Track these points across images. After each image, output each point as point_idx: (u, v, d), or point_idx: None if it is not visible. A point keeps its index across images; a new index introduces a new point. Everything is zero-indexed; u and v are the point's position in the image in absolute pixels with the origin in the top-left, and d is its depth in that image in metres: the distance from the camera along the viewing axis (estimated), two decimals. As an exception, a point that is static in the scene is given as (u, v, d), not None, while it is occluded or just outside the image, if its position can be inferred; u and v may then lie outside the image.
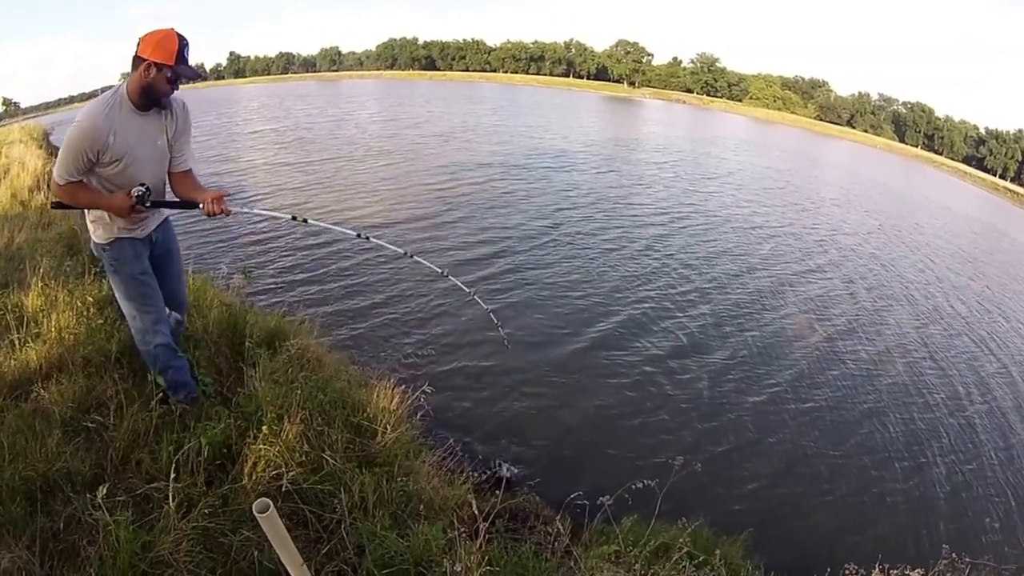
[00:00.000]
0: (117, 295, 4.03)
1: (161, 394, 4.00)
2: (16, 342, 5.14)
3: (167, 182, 3.86)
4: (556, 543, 3.48)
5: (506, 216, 17.38)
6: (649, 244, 16.14)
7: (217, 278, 7.58)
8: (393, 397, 4.80)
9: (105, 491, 2.93)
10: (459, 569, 2.89)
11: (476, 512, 2.97)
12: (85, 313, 5.34)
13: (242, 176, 22.82)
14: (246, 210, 3.68)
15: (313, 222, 4.37)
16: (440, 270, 4.97)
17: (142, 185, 3.53)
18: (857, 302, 14.88)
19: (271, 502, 1.98)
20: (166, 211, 4.06)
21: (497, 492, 3.92)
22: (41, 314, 5.63)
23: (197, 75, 3.63)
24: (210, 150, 28.44)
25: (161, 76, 3.36)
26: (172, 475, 3.11)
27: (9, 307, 5.89)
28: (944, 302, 16.69)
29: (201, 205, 3.69)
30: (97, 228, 3.83)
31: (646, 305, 12.05)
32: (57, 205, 3.61)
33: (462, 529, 3.43)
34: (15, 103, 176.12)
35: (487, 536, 3.26)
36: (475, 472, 4.77)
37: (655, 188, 24.53)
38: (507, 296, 11.83)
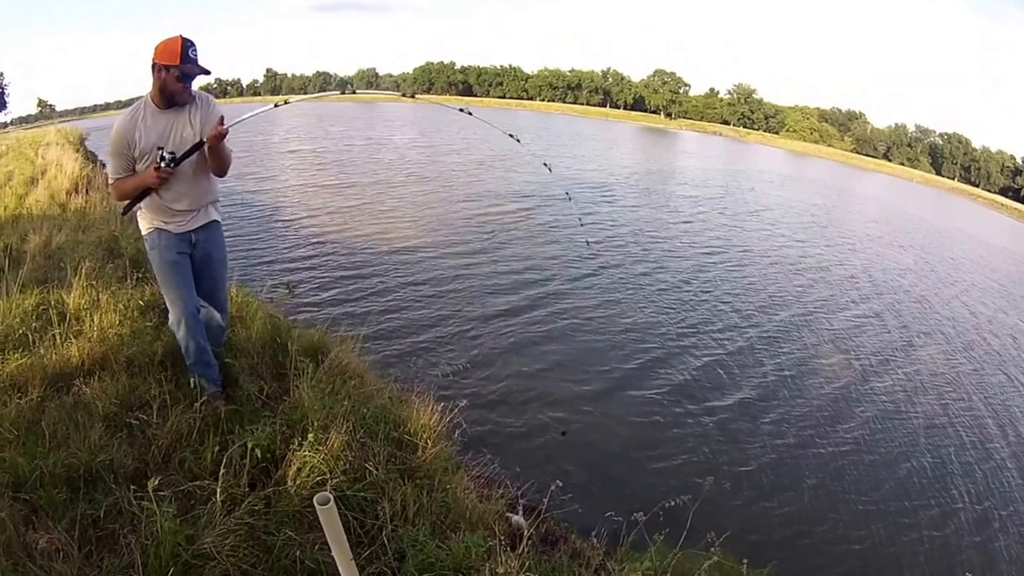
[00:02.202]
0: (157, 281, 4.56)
1: (205, 398, 4.28)
2: (57, 337, 5.48)
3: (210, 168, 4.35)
4: (591, 557, 3.65)
5: (547, 247, 17.54)
6: (687, 278, 16.24)
7: (261, 291, 7.88)
8: (433, 414, 5.05)
9: (156, 482, 3.17)
10: (501, 572, 3.08)
11: (518, 522, 3.14)
12: (128, 315, 5.64)
13: (280, 195, 23.38)
14: (237, 120, 4.03)
15: (295, 100, 4.80)
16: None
17: (171, 153, 4.05)
18: (891, 338, 14.78)
19: (332, 496, 2.19)
20: (210, 215, 4.50)
21: (531, 508, 4.12)
22: (84, 313, 5.99)
23: (204, 71, 4.09)
24: (247, 167, 29.13)
25: (170, 76, 3.95)
26: (220, 473, 3.38)
27: (52, 303, 6.25)
28: (978, 337, 16.61)
29: (204, 141, 4.07)
30: (142, 221, 4.39)
31: (683, 338, 12.15)
32: (126, 210, 4.30)
33: (502, 538, 3.64)
34: (50, 105, 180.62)
35: (528, 543, 3.46)
36: (511, 488, 4.95)
37: (694, 223, 24.65)
38: (546, 325, 11.97)
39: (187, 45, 3.94)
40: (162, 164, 4.02)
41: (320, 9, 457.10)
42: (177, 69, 3.91)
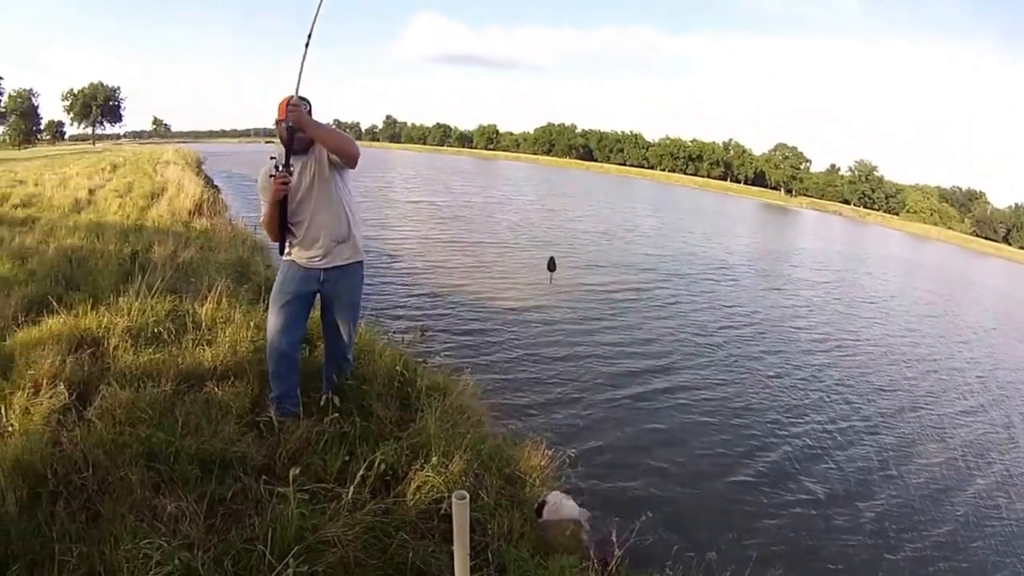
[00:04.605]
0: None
1: (336, 412, 4.91)
2: (191, 342, 6.30)
3: (341, 200, 5.06)
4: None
5: (668, 326, 17.73)
6: (798, 364, 16.12)
7: (393, 332, 8.62)
8: (543, 458, 5.62)
9: (295, 472, 3.80)
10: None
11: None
12: (261, 335, 6.37)
13: (398, 245, 24.54)
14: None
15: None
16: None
17: (272, 158, 4.78)
18: (998, 437, 14.39)
19: (467, 495, 2.76)
20: (343, 256, 5.10)
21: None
22: (217, 325, 6.83)
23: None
24: (366, 212, 30.48)
25: (280, 128, 4.75)
26: (347, 477, 4.02)
27: (187, 311, 7.13)
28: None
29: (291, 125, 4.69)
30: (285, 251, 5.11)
31: (790, 425, 12.09)
32: (281, 247, 5.07)
33: (596, 561, 4.14)
34: (165, 124, 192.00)
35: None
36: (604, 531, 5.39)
37: (809, 307, 24.37)
38: (656, 399, 12.19)
39: (292, 102, 4.63)
40: (275, 171, 4.71)
41: (443, 61, 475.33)
42: (283, 122, 4.67)
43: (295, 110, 4.50)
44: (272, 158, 4.76)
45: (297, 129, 4.60)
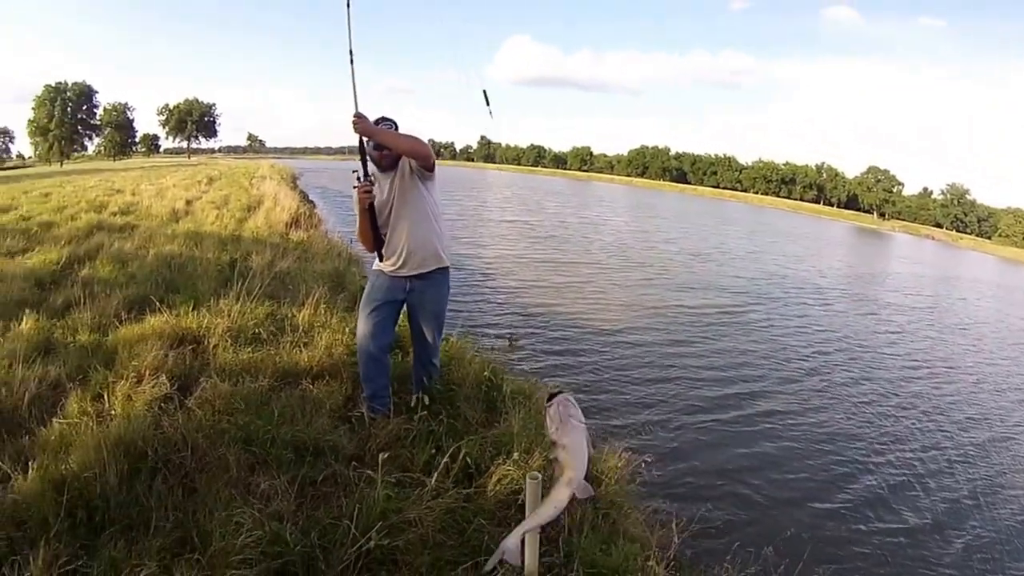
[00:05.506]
0: None
1: (425, 411, 5.25)
2: (288, 343, 6.76)
3: (425, 211, 5.33)
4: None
5: (759, 349, 17.60)
6: (890, 391, 15.76)
7: (482, 341, 8.98)
8: (620, 459, 5.86)
9: (385, 457, 4.14)
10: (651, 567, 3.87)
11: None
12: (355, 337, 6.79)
13: (492, 263, 25.01)
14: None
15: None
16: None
17: (354, 172, 5.20)
18: None
19: (540, 476, 3.09)
20: (427, 265, 5.37)
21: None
22: (314, 329, 7.31)
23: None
24: (461, 230, 31.33)
25: (368, 145, 5.11)
26: (432, 467, 4.34)
27: (286, 315, 7.63)
28: None
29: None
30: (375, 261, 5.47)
31: (881, 453, 11.86)
32: (379, 254, 5.42)
33: (658, 551, 4.40)
34: (260, 140, 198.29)
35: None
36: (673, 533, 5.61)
37: (901, 333, 23.72)
38: (744, 423, 12.16)
39: (377, 121, 5.07)
40: (357, 183, 5.13)
41: (536, 84, 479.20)
42: (367, 143, 5.08)
43: (358, 122, 4.88)
44: (353, 171, 5.18)
45: (377, 143, 5.05)
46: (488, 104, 5.77)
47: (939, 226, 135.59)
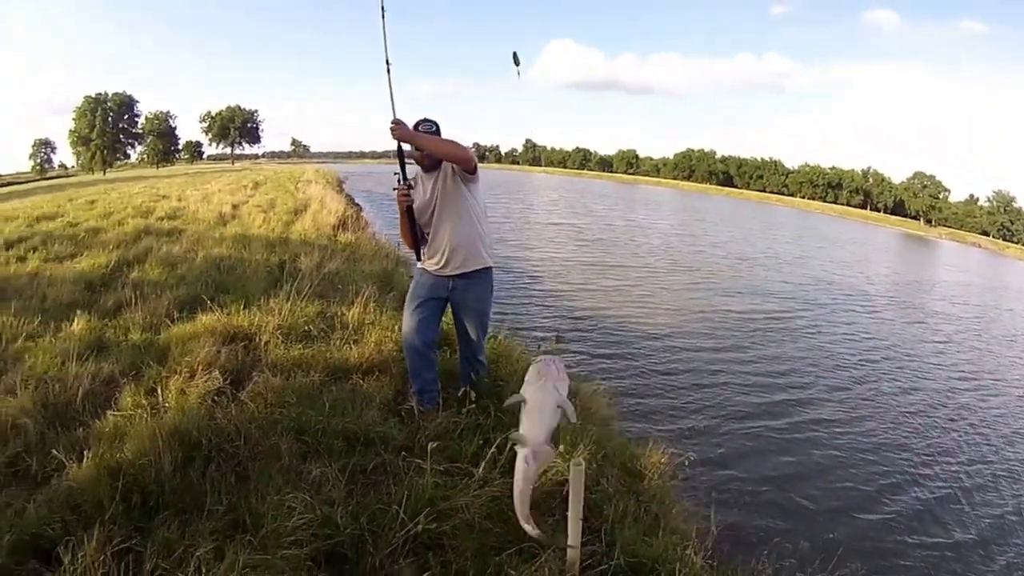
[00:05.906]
0: None
1: (472, 405, 5.32)
2: (339, 340, 6.95)
3: (467, 211, 5.44)
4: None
5: (806, 356, 17.47)
6: (936, 402, 15.42)
7: (530, 338, 9.11)
8: (663, 456, 6.00)
9: (433, 446, 4.29)
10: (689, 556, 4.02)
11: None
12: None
13: (538, 265, 25.18)
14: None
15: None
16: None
17: (396, 173, 5.40)
18: None
19: (583, 462, 3.20)
20: (468, 265, 5.47)
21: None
22: (364, 327, 7.51)
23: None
24: (508, 233, 31.55)
25: (414, 151, 5.23)
26: (478, 461, 4.48)
27: (336, 314, 7.83)
28: None
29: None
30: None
31: (927, 465, 11.76)
32: (418, 254, 5.68)
33: (696, 541, 4.51)
34: (304, 145, 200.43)
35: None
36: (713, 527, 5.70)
37: (948, 343, 23.35)
38: (789, 431, 12.14)
39: (419, 123, 5.23)
40: (398, 185, 5.31)
41: (580, 87, 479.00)
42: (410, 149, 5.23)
43: (396, 128, 5.04)
44: (395, 174, 5.36)
45: (416, 146, 5.19)
46: (517, 64, 5.88)
47: (985, 234, 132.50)
